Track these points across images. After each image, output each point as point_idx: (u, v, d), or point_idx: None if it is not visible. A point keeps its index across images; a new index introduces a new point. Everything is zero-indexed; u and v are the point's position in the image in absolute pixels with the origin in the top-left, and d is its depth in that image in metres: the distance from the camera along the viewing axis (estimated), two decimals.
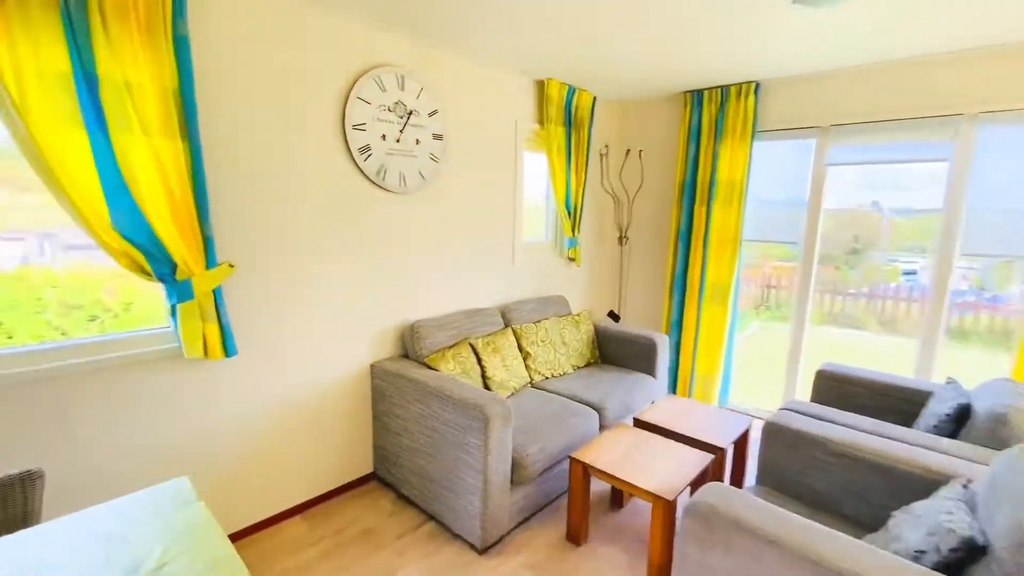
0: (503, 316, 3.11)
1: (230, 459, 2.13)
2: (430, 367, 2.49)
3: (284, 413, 2.29)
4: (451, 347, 2.61)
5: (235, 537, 2.17)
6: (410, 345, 2.61)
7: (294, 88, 2.14)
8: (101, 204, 1.65)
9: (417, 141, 2.64)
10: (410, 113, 2.58)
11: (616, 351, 3.37)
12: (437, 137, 2.73)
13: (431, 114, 2.68)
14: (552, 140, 3.36)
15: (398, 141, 2.55)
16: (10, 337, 1.70)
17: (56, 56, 1.51)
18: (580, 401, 2.76)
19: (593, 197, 4.00)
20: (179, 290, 1.84)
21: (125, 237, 1.71)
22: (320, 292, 2.35)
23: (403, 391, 2.40)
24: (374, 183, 2.48)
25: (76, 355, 1.75)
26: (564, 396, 2.81)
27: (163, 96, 1.72)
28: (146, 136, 1.70)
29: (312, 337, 2.34)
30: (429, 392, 2.24)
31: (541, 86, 3.32)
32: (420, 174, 2.68)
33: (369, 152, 2.43)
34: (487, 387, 2.64)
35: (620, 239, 4.16)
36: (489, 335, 2.83)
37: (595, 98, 3.61)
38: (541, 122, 3.38)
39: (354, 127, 2.36)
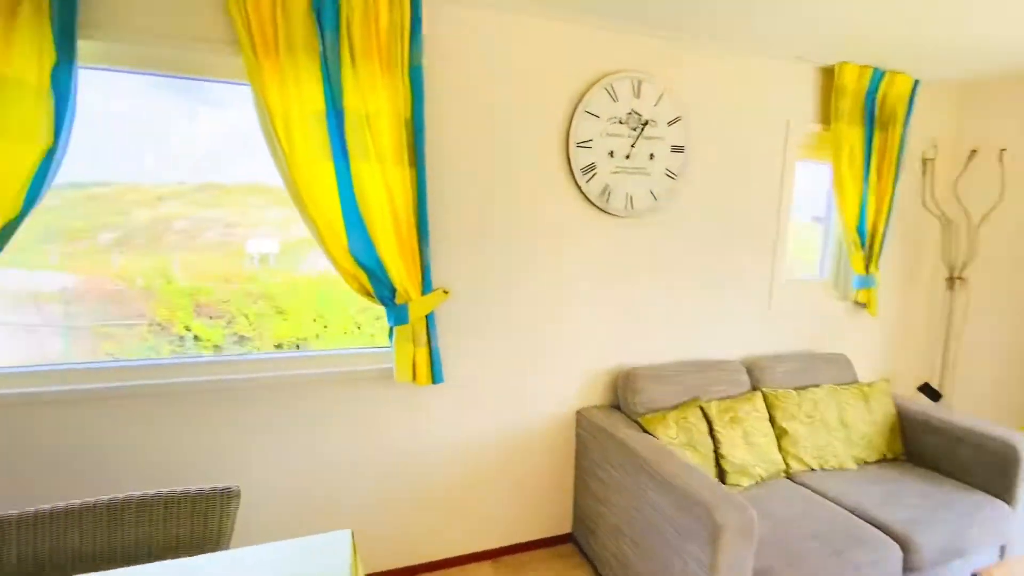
0: (750, 374, 2.40)
1: (423, 488, 2.09)
2: (644, 429, 2.02)
3: (482, 449, 2.16)
4: (674, 408, 2.09)
5: (419, 570, 2.12)
6: (623, 396, 2.19)
7: (516, 109, 2.01)
8: (341, 230, 1.76)
9: (651, 156, 2.23)
10: (645, 124, 2.20)
11: (935, 448, 2.25)
12: (676, 149, 2.27)
13: (671, 122, 2.24)
14: (842, 144, 2.49)
15: (628, 157, 2.20)
16: (325, 327, 2.01)
17: (314, 96, 1.66)
18: (869, 520, 1.87)
19: (903, 219, 2.86)
20: (397, 314, 1.87)
21: (357, 261, 1.80)
22: (529, 325, 2.15)
23: (607, 452, 2.00)
24: (595, 206, 2.18)
25: (301, 366, 1.90)
26: (841, 506, 1.95)
27: (397, 125, 1.77)
28: (380, 164, 1.76)
29: (517, 372, 2.16)
30: (638, 464, 1.79)
31: (829, 74, 2.51)
32: (652, 194, 2.26)
33: (593, 172, 2.14)
34: (720, 470, 2.02)
35: (950, 280, 2.87)
36: (728, 398, 2.19)
37: (916, 81, 2.57)
38: (826, 121, 2.55)
39: (578, 145, 2.10)
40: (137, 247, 1.69)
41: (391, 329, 1.90)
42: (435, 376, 1.95)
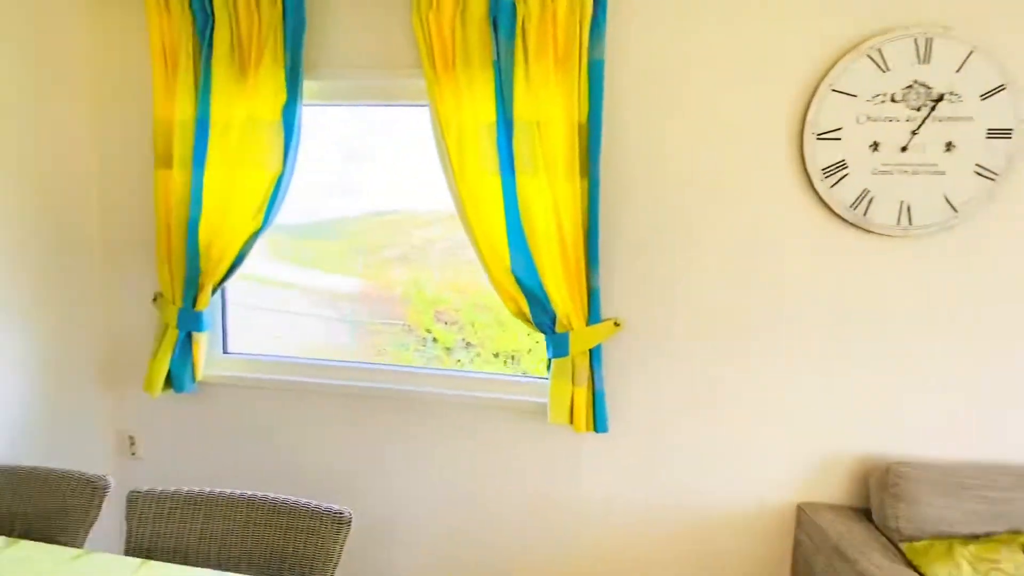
0: None
1: (571, 558, 1.78)
2: (910, 563, 1.30)
3: (651, 527, 1.73)
4: (973, 539, 1.31)
5: None
6: (878, 502, 1.48)
7: (719, 97, 1.57)
8: (504, 248, 1.65)
9: (948, 145, 1.49)
10: (938, 99, 1.48)
11: None
12: (998, 134, 1.47)
13: (987, 95, 1.46)
14: None
15: (904, 149, 1.51)
16: (537, 342, 2.00)
17: (487, 109, 1.59)
18: None
19: None
20: (555, 344, 1.64)
21: (518, 282, 1.65)
22: (729, 377, 1.65)
23: None
24: (843, 219, 1.55)
25: (448, 386, 1.85)
26: None
27: (569, 131, 1.56)
28: (548, 177, 1.58)
29: (709, 436, 1.68)
30: None
31: None
32: (947, 201, 1.50)
33: (842, 171, 1.53)
34: None
35: None
36: None
37: None
38: None
39: (818, 136, 1.53)
40: (410, 262, 2.03)
41: (549, 361, 1.68)
42: (597, 423, 1.64)
